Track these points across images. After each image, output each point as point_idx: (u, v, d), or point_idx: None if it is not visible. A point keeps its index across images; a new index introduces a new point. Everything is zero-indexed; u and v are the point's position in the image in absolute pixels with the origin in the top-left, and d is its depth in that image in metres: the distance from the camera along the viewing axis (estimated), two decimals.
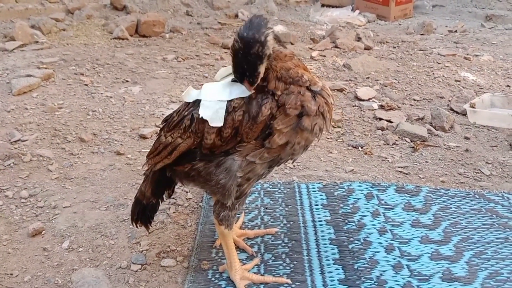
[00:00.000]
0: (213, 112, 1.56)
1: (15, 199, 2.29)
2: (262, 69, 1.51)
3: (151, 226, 1.97)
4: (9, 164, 2.54)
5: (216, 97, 1.58)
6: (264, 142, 1.56)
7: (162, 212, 2.20)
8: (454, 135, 3.11)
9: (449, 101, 3.64)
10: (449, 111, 3.41)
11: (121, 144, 2.81)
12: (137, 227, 1.95)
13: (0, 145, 2.67)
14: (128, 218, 2.00)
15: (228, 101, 1.56)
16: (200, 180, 1.69)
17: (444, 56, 4.77)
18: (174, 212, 2.23)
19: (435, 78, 4.11)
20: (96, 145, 2.80)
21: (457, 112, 3.46)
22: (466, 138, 3.08)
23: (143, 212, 1.90)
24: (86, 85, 3.58)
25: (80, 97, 3.38)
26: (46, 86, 3.49)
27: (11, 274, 1.85)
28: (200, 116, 1.57)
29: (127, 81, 3.72)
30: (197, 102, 1.63)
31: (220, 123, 1.56)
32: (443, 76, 4.16)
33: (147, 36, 4.96)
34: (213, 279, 1.82)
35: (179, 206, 2.27)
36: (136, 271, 1.87)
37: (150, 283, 1.82)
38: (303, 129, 1.56)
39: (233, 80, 1.61)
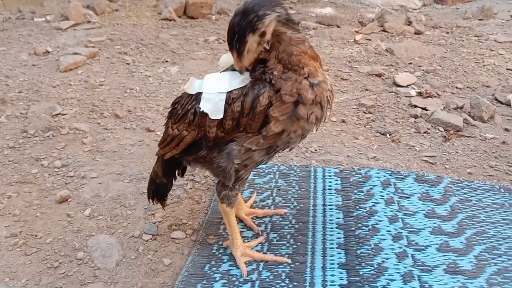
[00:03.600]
0: (213, 105, 1.60)
1: (49, 168, 2.47)
2: (251, 40, 1.49)
3: (166, 204, 2.05)
4: (48, 136, 2.73)
5: (216, 89, 1.61)
6: (261, 130, 1.58)
7: (179, 187, 2.29)
8: (493, 126, 2.95)
9: (495, 90, 3.45)
10: (493, 101, 3.24)
11: (153, 122, 2.93)
12: (154, 203, 2.05)
13: (42, 118, 2.87)
14: None
15: (227, 92, 1.59)
16: (205, 163, 1.76)
17: (500, 43, 4.49)
18: (191, 188, 2.31)
19: (484, 65, 3.89)
20: (130, 121, 2.94)
21: (501, 102, 3.27)
22: (506, 129, 2.91)
23: (157, 190, 2.00)
24: (128, 64, 3.74)
25: (121, 75, 3.54)
26: (91, 64, 3.68)
27: (36, 236, 2.01)
28: (201, 110, 1.62)
29: (167, 61, 3.84)
30: (199, 96, 1.66)
31: (220, 115, 1.59)
32: (494, 64, 3.93)
33: (194, 17, 5.06)
34: (216, 253, 1.89)
35: (196, 183, 2.35)
36: (147, 240, 1.98)
37: (158, 252, 1.92)
38: (299, 118, 1.55)
39: (233, 70, 1.64)
